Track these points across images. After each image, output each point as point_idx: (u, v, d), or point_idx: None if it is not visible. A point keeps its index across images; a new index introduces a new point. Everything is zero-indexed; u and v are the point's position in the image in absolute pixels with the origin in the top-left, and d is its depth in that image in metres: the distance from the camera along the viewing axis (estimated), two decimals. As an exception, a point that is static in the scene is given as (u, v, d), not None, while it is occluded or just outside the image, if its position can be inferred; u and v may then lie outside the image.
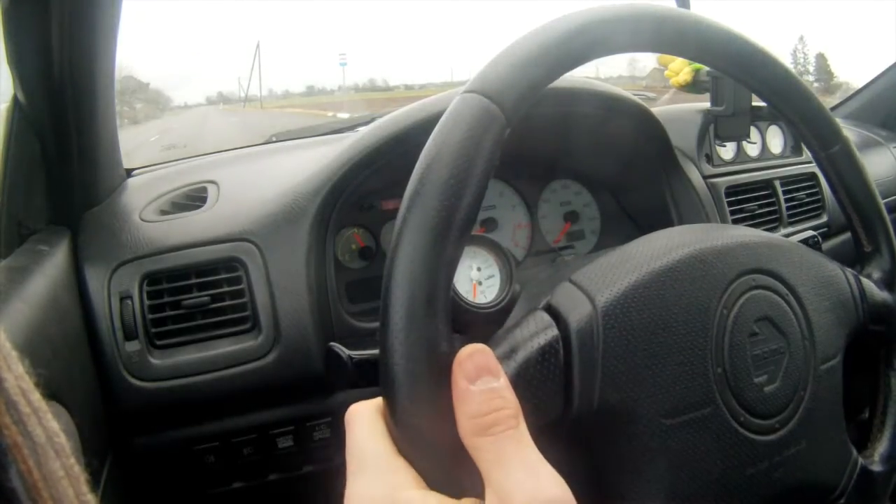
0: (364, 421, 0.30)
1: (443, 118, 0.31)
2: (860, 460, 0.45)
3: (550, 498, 0.26)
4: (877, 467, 0.46)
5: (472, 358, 0.29)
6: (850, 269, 0.48)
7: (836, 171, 0.48)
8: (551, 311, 0.35)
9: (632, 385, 0.34)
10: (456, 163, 0.30)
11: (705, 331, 0.37)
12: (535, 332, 0.33)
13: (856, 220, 0.49)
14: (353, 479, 0.28)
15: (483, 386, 0.28)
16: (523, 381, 0.31)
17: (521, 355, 0.32)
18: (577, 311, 0.34)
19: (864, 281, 0.47)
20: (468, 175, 0.30)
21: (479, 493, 0.27)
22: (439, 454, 0.28)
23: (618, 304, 0.35)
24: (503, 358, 0.32)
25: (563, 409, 0.33)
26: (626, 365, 0.34)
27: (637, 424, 0.35)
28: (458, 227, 0.29)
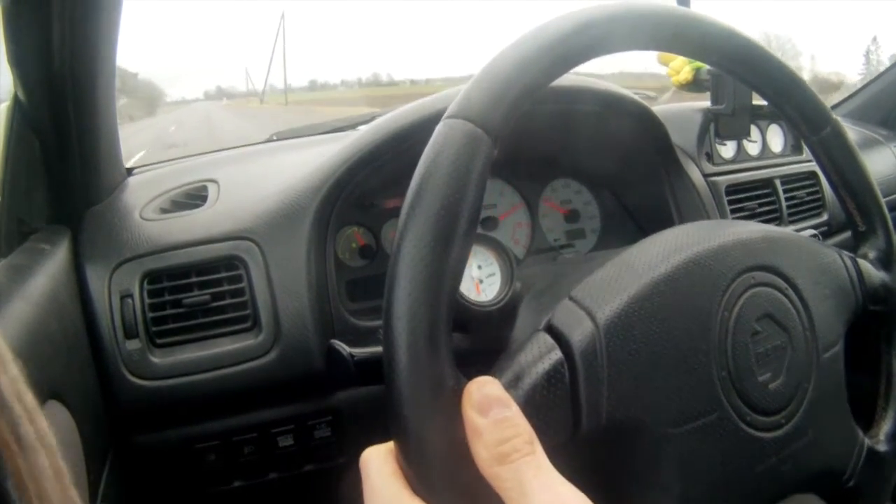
0: (377, 465, 0.30)
1: (428, 147, 0.31)
2: (866, 442, 0.45)
3: None
4: (883, 447, 0.46)
5: (482, 390, 0.29)
6: (847, 253, 0.47)
7: (828, 153, 0.47)
8: (553, 331, 0.34)
9: (638, 399, 0.34)
10: (446, 194, 0.29)
11: (707, 336, 0.37)
12: (539, 356, 0.33)
13: (849, 201, 0.49)
14: None
15: (495, 416, 0.28)
16: (532, 408, 0.31)
17: (527, 382, 0.32)
18: (579, 330, 0.34)
19: (861, 263, 0.47)
20: (460, 207, 0.29)
21: None
22: (454, 492, 0.28)
23: (619, 319, 0.34)
24: (509, 386, 0.31)
25: (573, 430, 0.33)
26: (631, 380, 0.34)
27: (644, 436, 0.34)
28: (454, 260, 0.29)
